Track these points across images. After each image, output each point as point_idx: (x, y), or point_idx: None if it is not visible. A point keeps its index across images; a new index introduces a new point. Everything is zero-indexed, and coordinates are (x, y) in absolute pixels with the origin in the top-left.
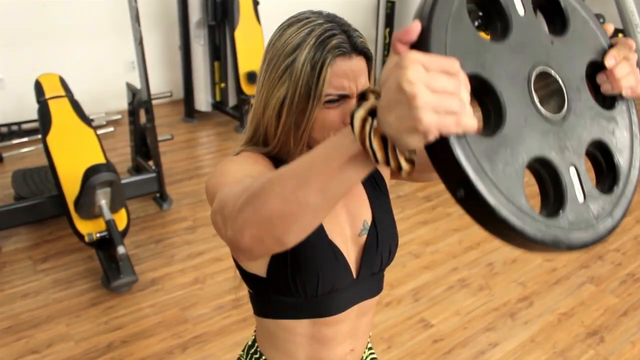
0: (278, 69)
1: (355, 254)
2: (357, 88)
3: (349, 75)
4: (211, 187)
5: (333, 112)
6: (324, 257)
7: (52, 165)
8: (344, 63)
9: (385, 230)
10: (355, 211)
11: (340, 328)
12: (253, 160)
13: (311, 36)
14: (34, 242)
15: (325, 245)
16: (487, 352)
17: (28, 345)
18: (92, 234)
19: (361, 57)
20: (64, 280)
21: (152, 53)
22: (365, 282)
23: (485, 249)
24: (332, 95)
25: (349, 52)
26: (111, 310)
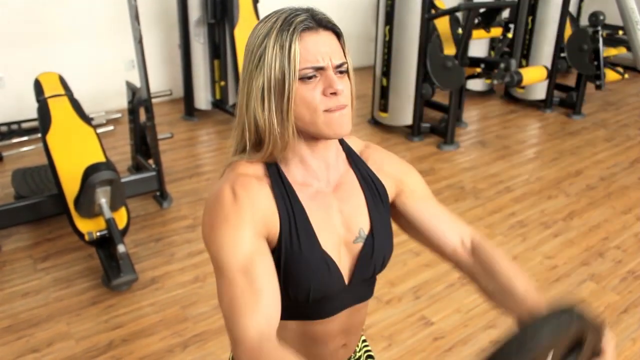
0: (253, 61)
1: (349, 260)
2: (331, 60)
3: (319, 47)
4: (210, 246)
5: (312, 87)
6: (317, 267)
7: (52, 164)
8: (312, 37)
9: (381, 239)
10: (352, 218)
11: (331, 327)
12: (248, 202)
13: (277, 22)
14: (34, 241)
15: (318, 256)
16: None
17: (28, 344)
18: (92, 232)
19: (329, 32)
20: (64, 279)
21: (151, 51)
22: (357, 287)
23: None
24: (307, 69)
25: (315, 26)
26: (111, 308)
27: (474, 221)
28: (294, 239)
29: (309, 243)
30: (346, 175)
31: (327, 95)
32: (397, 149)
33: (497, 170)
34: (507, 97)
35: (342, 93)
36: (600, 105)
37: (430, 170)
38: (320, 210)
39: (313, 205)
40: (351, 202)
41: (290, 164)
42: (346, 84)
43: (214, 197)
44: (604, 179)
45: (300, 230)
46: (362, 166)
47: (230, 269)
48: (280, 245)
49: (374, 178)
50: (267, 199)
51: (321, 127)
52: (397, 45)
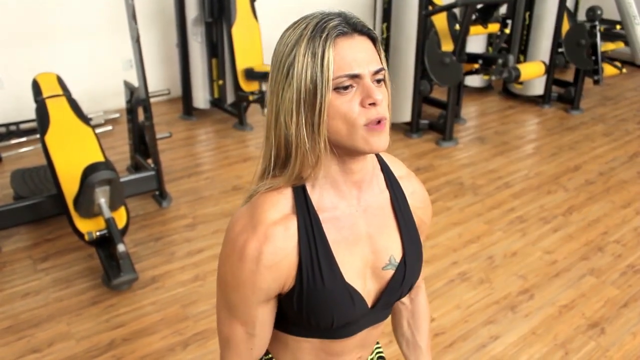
0: (282, 71)
1: (375, 286)
2: (369, 68)
3: (354, 54)
4: (220, 281)
5: (347, 97)
6: (340, 300)
7: (51, 165)
8: (346, 42)
9: (412, 267)
10: (382, 244)
11: (348, 344)
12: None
13: (307, 28)
14: (34, 242)
15: (342, 290)
16: (488, 345)
17: (29, 344)
18: (91, 232)
19: (365, 37)
20: (64, 279)
21: (149, 51)
22: (380, 310)
23: (485, 242)
24: (342, 77)
25: (350, 31)
26: (112, 308)
27: (473, 217)
28: (316, 273)
29: (331, 276)
30: (380, 197)
31: (365, 106)
32: (396, 146)
33: (496, 166)
34: (505, 93)
35: (382, 103)
36: (598, 100)
37: (429, 167)
38: (345, 236)
39: (338, 232)
40: (382, 226)
41: (318, 185)
42: (384, 93)
43: (239, 245)
44: (602, 174)
45: (322, 264)
46: (398, 191)
47: (235, 315)
48: (301, 281)
49: (410, 212)
50: (291, 244)
51: (359, 142)
52: (394, 42)
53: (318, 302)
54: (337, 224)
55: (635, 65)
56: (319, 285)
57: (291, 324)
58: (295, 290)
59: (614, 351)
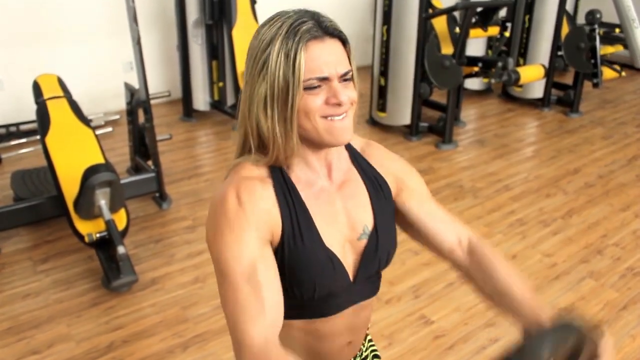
0: (256, 66)
1: (353, 257)
2: (337, 70)
3: (324, 57)
4: (213, 251)
5: (315, 97)
6: (321, 264)
7: (51, 166)
8: (317, 46)
9: (385, 235)
10: (356, 215)
11: (336, 325)
12: (251, 208)
13: (282, 28)
14: (34, 243)
15: (322, 253)
16: (488, 347)
17: (29, 345)
18: (91, 234)
19: (335, 40)
20: (64, 280)
21: (150, 53)
22: (362, 284)
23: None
24: (312, 79)
25: (321, 35)
26: (112, 310)
27: (472, 220)
28: (297, 237)
29: (312, 240)
30: (349, 173)
31: (329, 104)
32: (396, 149)
33: (496, 169)
34: (504, 96)
35: (345, 103)
36: (597, 103)
37: (428, 170)
38: (323, 208)
39: (316, 204)
40: (355, 200)
41: (293, 166)
42: (351, 89)
43: (219, 202)
44: (602, 177)
45: (303, 229)
46: (364, 163)
47: (234, 276)
48: (283, 244)
49: (376, 175)
50: (270, 200)
51: (323, 135)
52: (394, 44)
53: (300, 263)
54: (315, 199)
55: (635, 69)
56: (300, 247)
57: None
58: (279, 252)
59: None
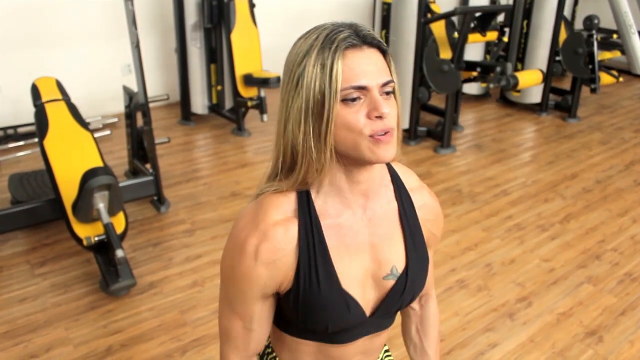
0: (292, 81)
1: (375, 295)
2: (377, 80)
3: (363, 66)
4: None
5: (355, 109)
6: (336, 307)
7: (50, 169)
8: (355, 54)
9: (415, 279)
10: (385, 254)
11: (348, 350)
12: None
13: (318, 39)
14: (32, 246)
15: (337, 296)
16: (487, 352)
17: (27, 349)
18: (90, 237)
19: (374, 49)
20: (62, 284)
21: (148, 56)
22: (380, 318)
23: (483, 249)
24: (349, 89)
25: (359, 43)
26: (110, 314)
27: (470, 225)
28: (312, 277)
29: (328, 283)
30: (387, 207)
31: (372, 118)
32: None
33: (494, 174)
34: (502, 101)
35: (388, 116)
36: (595, 109)
37: (427, 174)
38: (347, 243)
39: (339, 239)
40: (387, 237)
41: (323, 192)
42: (392, 105)
43: (239, 245)
44: (599, 182)
45: (320, 269)
46: (407, 203)
47: (233, 309)
48: (298, 285)
49: (415, 219)
50: (291, 245)
51: (364, 152)
52: (393, 49)
53: (313, 306)
54: (339, 230)
55: (632, 74)
56: (315, 290)
57: (290, 325)
58: (292, 292)
59: (611, 359)
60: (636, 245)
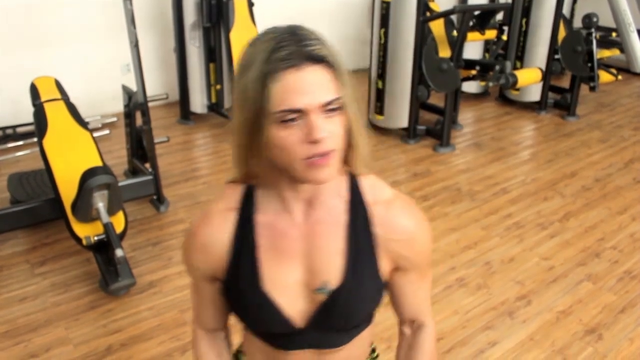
0: (237, 90)
1: (307, 308)
2: (316, 101)
3: (300, 89)
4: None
5: (291, 132)
6: (255, 307)
7: (49, 169)
8: (293, 76)
9: (352, 297)
10: (319, 266)
11: (295, 359)
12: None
13: (263, 51)
14: (31, 246)
15: (256, 297)
16: (487, 350)
17: (27, 349)
18: (89, 237)
19: (318, 66)
20: (61, 283)
21: (147, 55)
22: (323, 333)
23: (482, 248)
24: (285, 112)
25: (298, 63)
26: (110, 313)
27: (470, 223)
28: (236, 273)
29: (249, 281)
30: (333, 218)
31: (308, 142)
32: (393, 152)
33: (493, 172)
34: (501, 99)
35: (326, 140)
36: (594, 107)
37: (426, 173)
38: (279, 247)
39: (272, 241)
40: (325, 249)
41: (267, 190)
42: (335, 124)
43: (191, 228)
44: (599, 180)
45: (243, 268)
46: (362, 220)
47: (194, 284)
48: (225, 278)
49: (371, 241)
50: (223, 238)
51: (298, 173)
52: (392, 47)
53: (237, 302)
54: (273, 232)
55: (631, 72)
56: (233, 285)
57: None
58: (224, 283)
59: (611, 357)
60: (635, 243)
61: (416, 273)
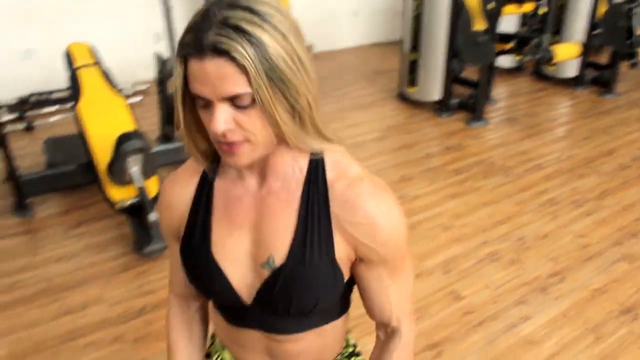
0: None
1: (255, 283)
2: (216, 93)
3: (200, 78)
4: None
5: (205, 112)
6: (204, 272)
7: (84, 133)
8: (196, 64)
9: (300, 278)
10: (266, 239)
11: (247, 338)
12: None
13: (186, 27)
14: (66, 209)
15: (205, 261)
16: (518, 325)
17: (63, 307)
18: (123, 200)
19: (221, 59)
20: (96, 245)
21: (179, 23)
22: (267, 315)
23: (515, 223)
24: (198, 96)
25: (200, 52)
26: (143, 275)
27: (503, 198)
28: (190, 238)
29: (200, 246)
30: (288, 192)
31: (212, 131)
32: (425, 125)
33: (527, 148)
34: (536, 75)
35: (227, 132)
36: (634, 84)
37: (458, 147)
38: (230, 215)
39: (225, 208)
40: (274, 223)
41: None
42: (249, 116)
43: (161, 186)
44: (637, 159)
45: (197, 231)
46: (319, 197)
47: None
48: (182, 239)
49: (326, 221)
50: (185, 199)
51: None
52: (426, 20)
53: (188, 265)
54: (228, 198)
55: None
56: (187, 248)
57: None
58: (180, 245)
59: None
60: None
61: (385, 269)
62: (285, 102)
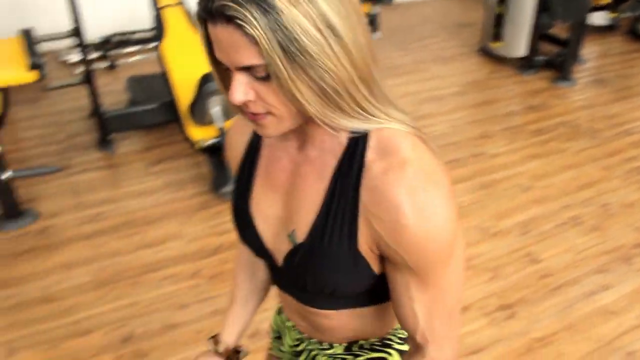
0: None
1: (281, 245)
2: (232, 62)
3: (217, 44)
4: None
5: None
6: (239, 222)
7: (167, 73)
8: (211, 29)
9: (318, 261)
10: (293, 208)
11: (287, 300)
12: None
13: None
14: (147, 146)
15: (243, 213)
16: (598, 293)
17: (143, 240)
18: (203, 140)
19: (230, 27)
20: (175, 183)
21: None
22: (292, 282)
23: (600, 189)
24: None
25: (211, 17)
26: (219, 214)
27: (588, 162)
28: (238, 185)
29: (242, 197)
30: (323, 166)
31: (231, 99)
32: (508, 82)
33: (617, 111)
34: (631, 35)
35: (247, 103)
36: None
37: (542, 106)
38: (269, 172)
39: (268, 163)
40: (302, 196)
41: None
42: (267, 88)
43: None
44: None
45: (243, 181)
46: (353, 178)
47: None
48: (234, 185)
49: (354, 206)
50: (240, 147)
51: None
52: None
53: (233, 212)
54: (271, 157)
55: None
56: (235, 195)
57: None
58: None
59: None
60: None
61: (413, 277)
62: (306, 79)
